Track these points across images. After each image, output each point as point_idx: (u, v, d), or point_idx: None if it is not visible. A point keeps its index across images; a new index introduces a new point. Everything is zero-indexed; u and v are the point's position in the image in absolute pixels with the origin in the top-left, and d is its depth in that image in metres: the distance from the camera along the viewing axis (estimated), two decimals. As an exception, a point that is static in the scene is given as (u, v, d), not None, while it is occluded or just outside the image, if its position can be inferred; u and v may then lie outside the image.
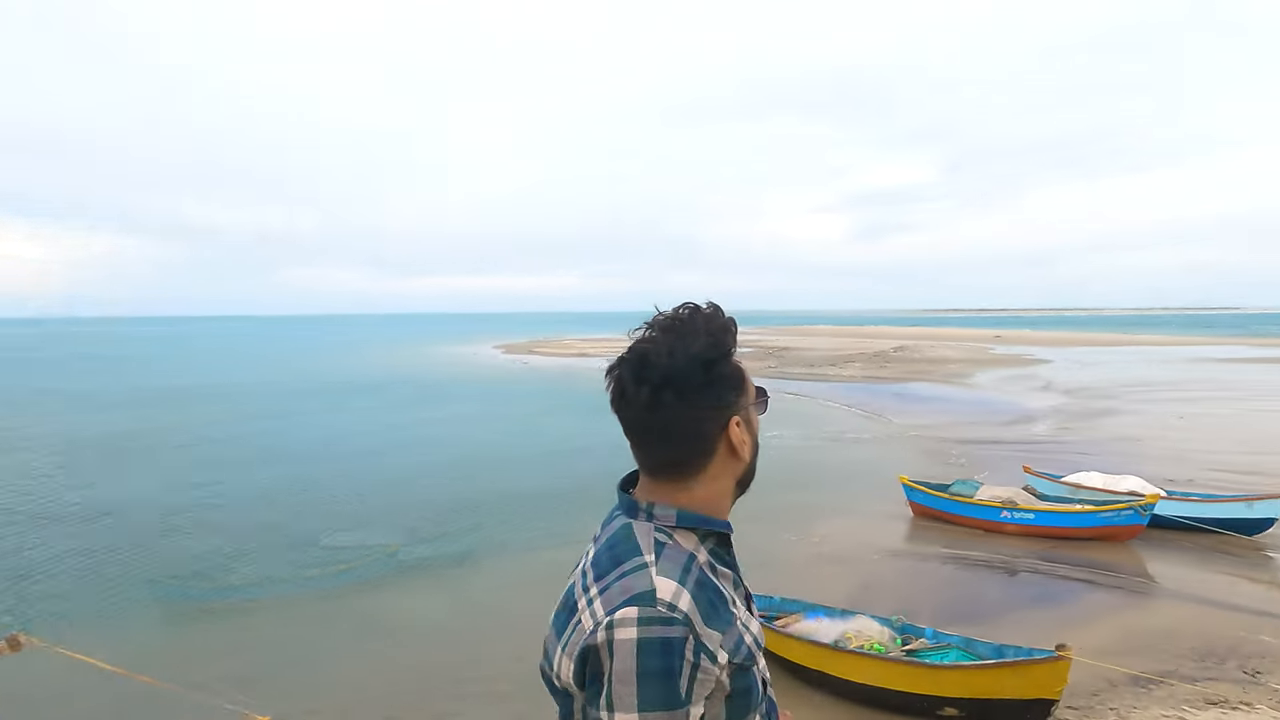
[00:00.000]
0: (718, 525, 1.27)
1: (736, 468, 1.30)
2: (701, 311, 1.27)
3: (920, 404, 25.24)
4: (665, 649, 1.09)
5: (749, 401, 1.31)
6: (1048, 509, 10.60)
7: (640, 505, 1.26)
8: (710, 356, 1.24)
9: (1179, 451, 16.27)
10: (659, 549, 1.19)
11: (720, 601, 1.20)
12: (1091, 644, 7.09)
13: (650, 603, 1.11)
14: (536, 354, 55.00)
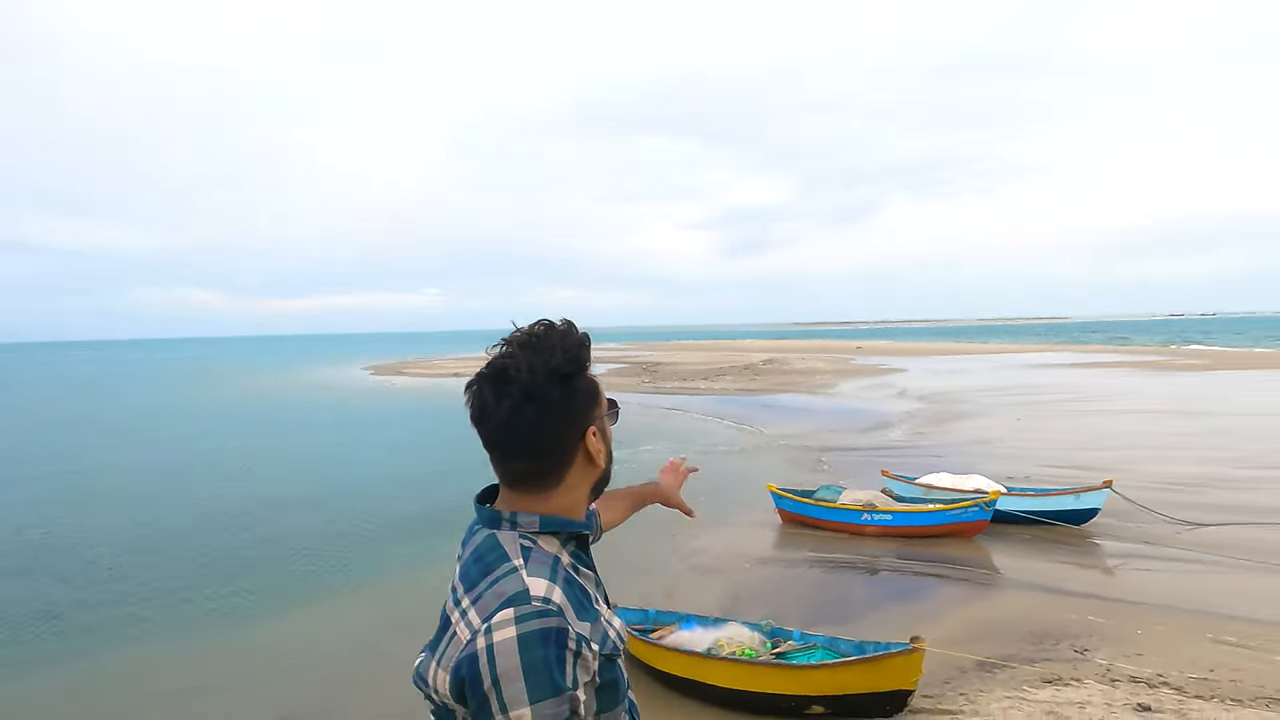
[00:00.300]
0: (577, 526, 1.34)
1: (593, 474, 1.38)
2: (556, 328, 1.33)
3: (788, 414, 26.21)
4: (546, 640, 1.14)
5: (603, 412, 1.39)
6: (903, 510, 11.23)
7: (503, 515, 1.30)
8: (567, 371, 1.29)
9: (1018, 450, 17.63)
10: (526, 553, 1.25)
11: (586, 598, 1.28)
12: (943, 634, 7.55)
13: (525, 601, 1.16)
14: (406, 375, 53.40)
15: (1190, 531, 10.78)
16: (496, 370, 1.29)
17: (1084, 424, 21.46)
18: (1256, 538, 10.38)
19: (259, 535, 12.69)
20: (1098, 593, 8.82)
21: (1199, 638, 7.20)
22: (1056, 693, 6.04)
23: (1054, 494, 11.59)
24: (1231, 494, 12.82)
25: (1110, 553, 10.36)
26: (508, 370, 1.27)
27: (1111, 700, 5.83)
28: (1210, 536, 10.53)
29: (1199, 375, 36.13)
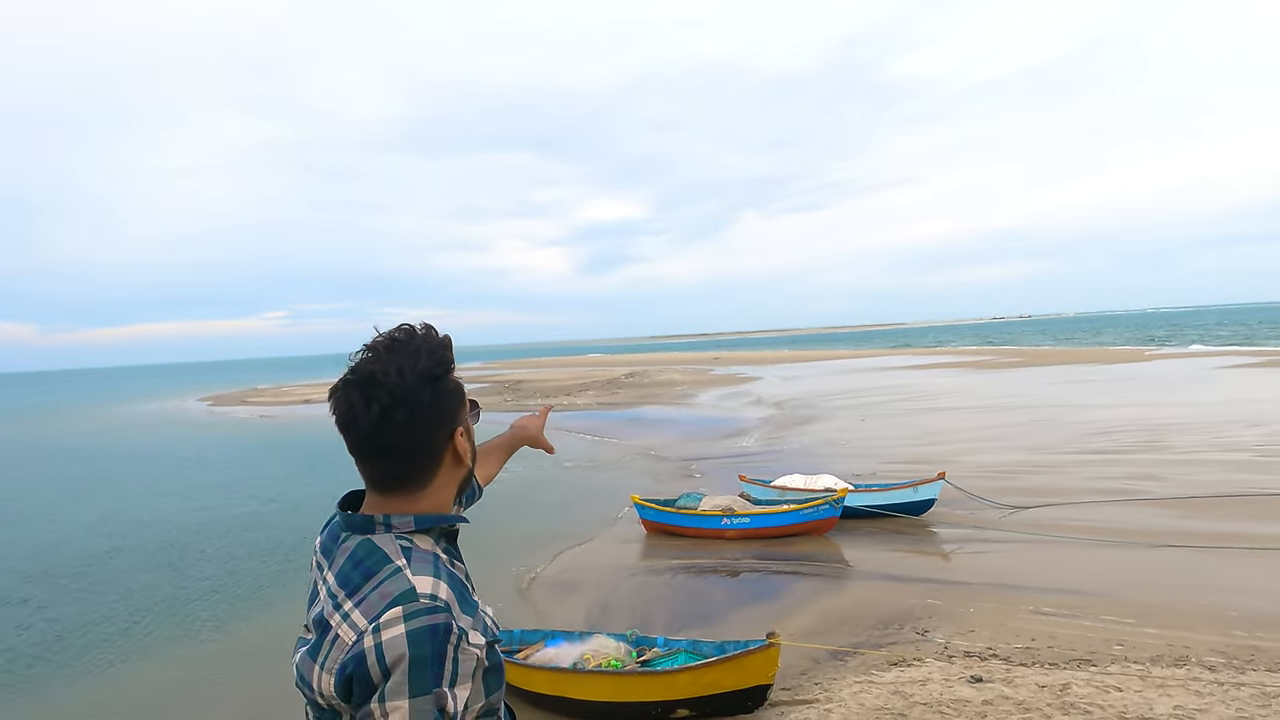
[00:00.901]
0: (451, 520, 1.38)
1: (460, 474, 1.41)
2: (418, 332, 1.35)
3: (650, 426, 26.65)
4: (433, 636, 1.17)
5: (467, 412, 1.42)
6: (760, 512, 11.68)
7: (375, 519, 1.32)
8: (436, 374, 1.32)
9: (862, 449, 18.73)
10: (407, 553, 1.28)
11: (466, 590, 1.32)
12: (799, 628, 7.90)
13: (413, 599, 1.20)
14: (251, 405, 50.15)
15: (1013, 515, 11.81)
16: (363, 376, 1.29)
17: (919, 421, 23.09)
18: (1067, 516, 11.52)
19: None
20: (936, 577, 9.50)
21: (1022, 611, 7.90)
22: (901, 673, 6.46)
23: (895, 488, 12.40)
24: (1045, 478, 14.17)
25: (946, 539, 11.19)
26: (375, 375, 1.28)
27: (949, 675, 6.30)
28: (1030, 518, 11.58)
29: (1014, 372, 39.73)
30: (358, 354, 1.32)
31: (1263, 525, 10.30)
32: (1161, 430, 18.28)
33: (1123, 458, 15.56)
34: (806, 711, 5.92)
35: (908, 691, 6.01)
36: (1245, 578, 8.45)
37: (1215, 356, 42.43)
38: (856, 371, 47.88)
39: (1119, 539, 10.17)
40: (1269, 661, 6.23)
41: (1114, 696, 5.63)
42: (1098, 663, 6.41)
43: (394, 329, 1.35)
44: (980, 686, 6.00)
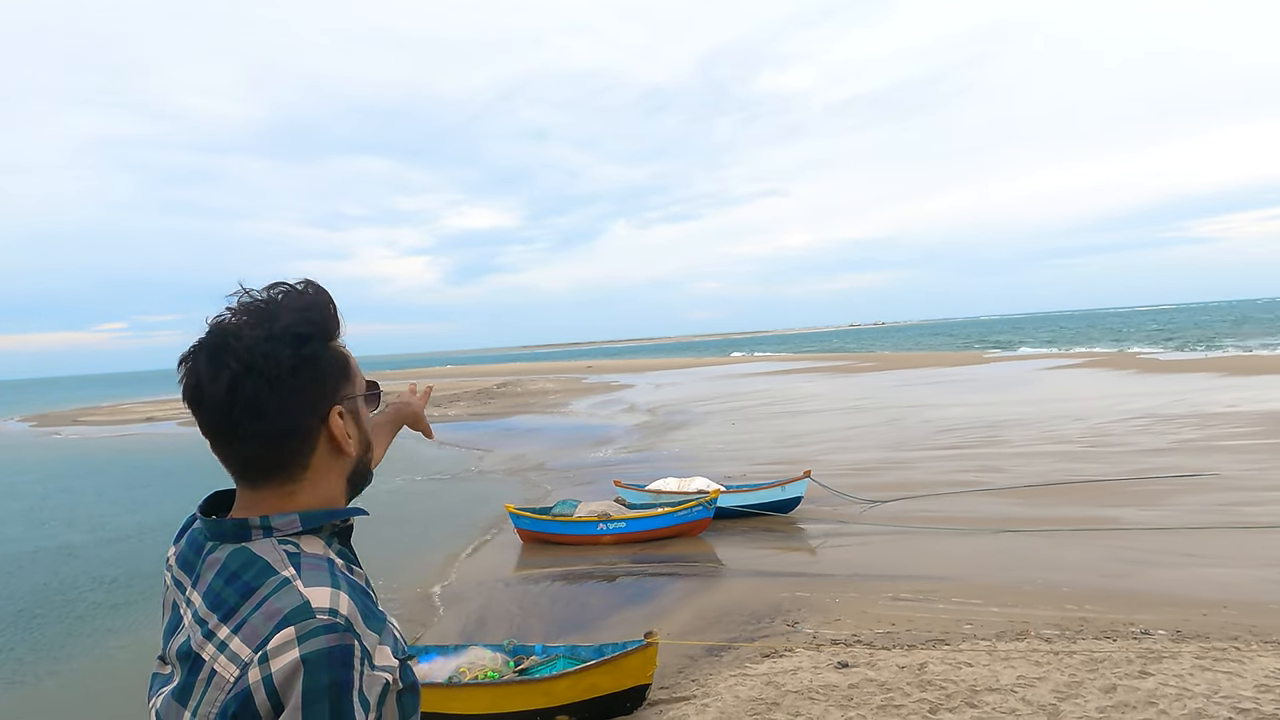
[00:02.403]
0: (348, 514, 1.16)
1: (343, 465, 1.17)
2: (294, 290, 1.14)
3: (524, 435, 26.38)
4: (334, 660, 0.96)
5: (355, 392, 1.19)
6: (635, 516, 11.79)
7: (251, 522, 1.09)
8: (301, 334, 1.09)
9: (733, 452, 19.28)
10: (295, 560, 1.05)
11: (370, 601, 1.10)
12: (675, 627, 8.03)
13: (307, 615, 0.98)
14: (83, 425, 45.93)
15: (872, 509, 12.47)
16: (213, 338, 1.08)
17: (785, 424, 24.01)
18: (920, 508, 12.28)
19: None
20: (804, 571, 9.89)
21: (882, 598, 8.34)
22: (773, 664, 6.67)
23: (764, 488, 12.83)
24: (900, 473, 15.05)
25: (812, 534, 11.68)
26: (227, 337, 1.07)
27: (818, 663, 6.56)
28: (887, 511, 12.26)
29: (870, 375, 42.03)
30: (217, 316, 1.11)
31: (1089, 509, 11.34)
32: (1000, 426, 19.82)
33: (967, 452, 16.77)
34: (684, 708, 6.01)
35: (780, 681, 6.22)
36: (1075, 556, 9.28)
37: (1044, 359, 46.50)
38: (726, 378, 49.23)
39: (966, 527, 10.94)
40: (1096, 630, 6.86)
41: (965, 671, 6.04)
42: (950, 641, 6.85)
43: (267, 286, 1.13)
44: (846, 671, 6.29)
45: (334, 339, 1.16)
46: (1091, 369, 36.27)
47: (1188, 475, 12.82)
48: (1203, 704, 5.13)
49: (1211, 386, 24.94)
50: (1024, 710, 5.28)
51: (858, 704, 5.62)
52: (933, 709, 5.43)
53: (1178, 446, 15.42)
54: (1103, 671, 5.80)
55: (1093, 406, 22.27)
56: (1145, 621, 6.99)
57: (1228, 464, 13.41)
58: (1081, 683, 5.63)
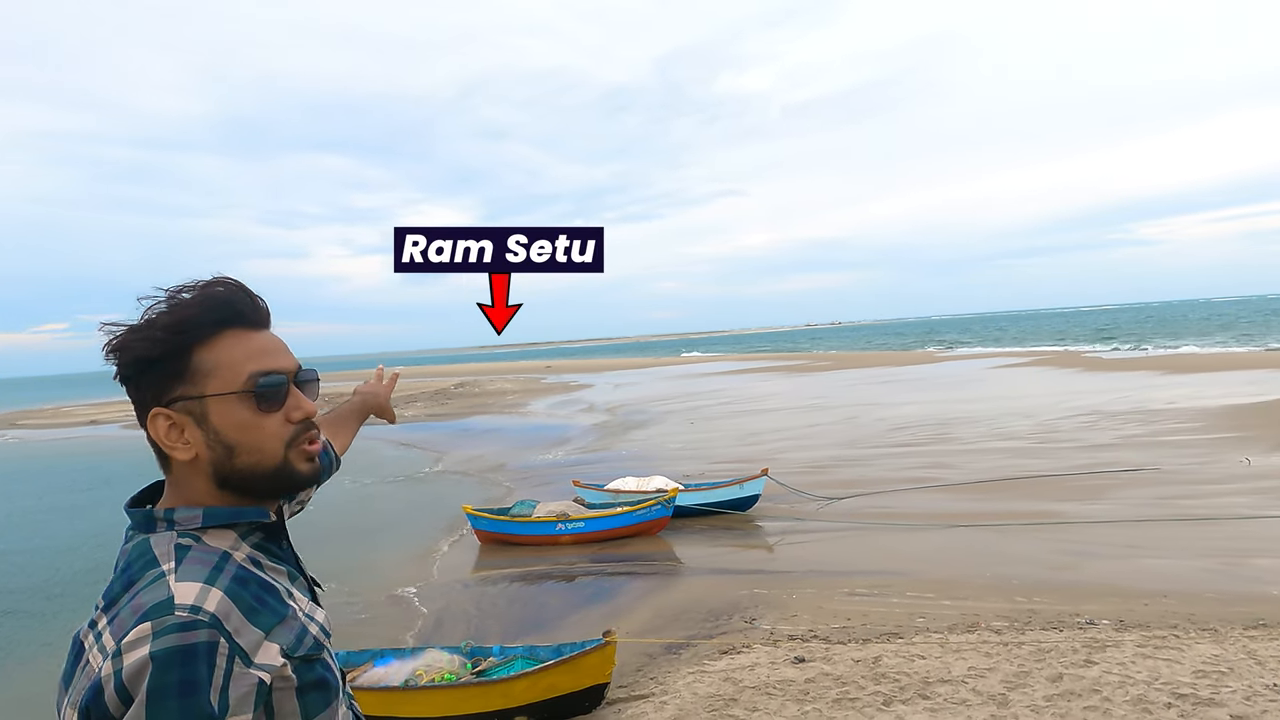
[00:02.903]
0: (251, 516, 1.15)
1: (197, 468, 1.14)
2: (196, 285, 1.16)
3: (482, 436, 26.17)
4: (186, 658, 0.95)
5: (204, 392, 1.12)
6: (594, 515, 11.78)
7: (156, 514, 1.11)
8: (117, 339, 1.13)
9: (691, 451, 19.37)
10: (181, 554, 1.06)
11: (269, 595, 1.10)
12: (635, 625, 8.04)
13: (167, 611, 0.98)
14: (23, 428, 44.35)
15: (828, 506, 12.62)
16: None
17: (743, 423, 24.20)
18: (875, 504, 12.47)
19: None
20: (761, 568, 9.99)
21: (838, 594, 8.46)
22: (731, 660, 6.73)
23: (722, 486, 12.92)
24: (855, 470, 15.28)
25: (770, 532, 11.79)
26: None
27: (775, 658, 6.63)
28: (843, 508, 12.42)
29: (825, 375, 42.57)
30: None
31: (1037, 503, 11.64)
32: (951, 424, 20.23)
33: (920, 449, 17.08)
34: (643, 705, 6.03)
35: (737, 677, 6.27)
36: (1024, 550, 9.52)
37: (992, 357, 47.56)
38: (685, 377, 49.43)
39: (919, 522, 11.14)
40: (1043, 621, 7.05)
41: (918, 664, 6.16)
42: (904, 635, 6.98)
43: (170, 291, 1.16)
44: (803, 666, 6.36)
45: (172, 334, 1.12)
46: (1038, 367, 37.21)
47: (1130, 470, 13.24)
48: (1144, 690, 5.30)
49: (1152, 384, 25.78)
50: (974, 700, 5.40)
51: (814, 698, 5.70)
52: (886, 701, 5.52)
53: (1121, 442, 15.91)
54: (1050, 661, 5.96)
55: (1040, 404, 22.85)
56: (1090, 612, 7.19)
57: (1168, 459, 13.88)
58: (1029, 672, 5.77)
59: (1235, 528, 9.73)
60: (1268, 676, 5.37)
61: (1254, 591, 7.51)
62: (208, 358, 1.13)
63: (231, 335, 1.15)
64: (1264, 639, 6.17)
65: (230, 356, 1.14)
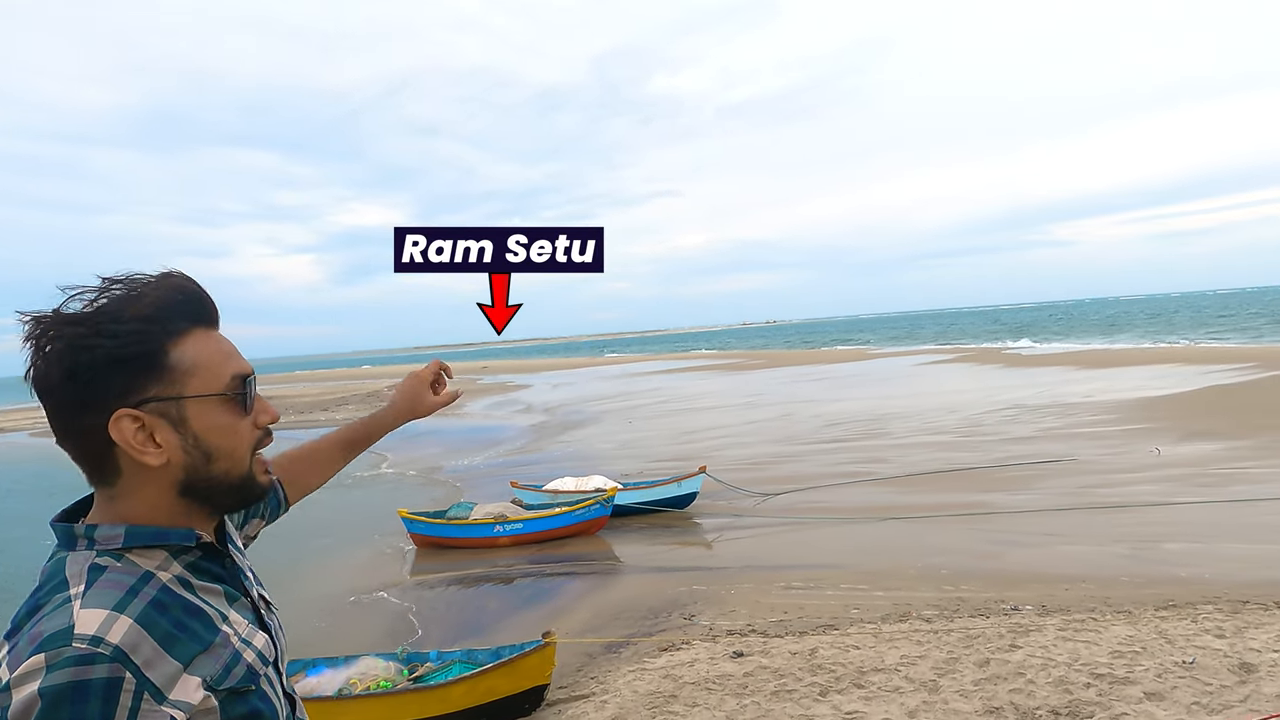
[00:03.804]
0: (177, 537, 1.03)
1: (162, 475, 1.03)
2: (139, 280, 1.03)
3: (417, 438, 25.66)
4: (79, 695, 0.85)
5: (181, 393, 1.03)
6: (532, 516, 11.71)
7: (76, 530, 1.01)
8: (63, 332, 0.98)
9: (630, 450, 19.41)
10: (94, 575, 0.96)
11: (194, 620, 0.99)
12: (574, 626, 8.01)
13: (64, 642, 0.88)
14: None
15: (765, 502, 12.81)
16: None
17: (681, 421, 24.36)
18: (810, 499, 12.70)
19: None
20: (700, 565, 10.07)
21: (775, 588, 8.59)
22: (671, 657, 6.76)
23: (661, 484, 12.98)
24: (791, 466, 15.54)
25: (708, 529, 11.90)
26: (25, 340, 1.00)
27: (714, 654, 6.69)
28: (780, 503, 12.62)
29: (761, 373, 43.19)
30: None
31: (964, 495, 12.02)
32: (882, 419, 20.74)
33: (853, 445, 17.47)
34: (583, 705, 6.01)
35: (677, 674, 6.30)
36: (952, 540, 9.82)
37: (919, 355, 48.98)
38: (623, 377, 49.50)
39: (853, 516, 11.39)
40: (971, 609, 7.28)
41: (853, 654, 6.29)
42: (839, 626, 7.12)
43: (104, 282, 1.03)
44: (741, 660, 6.44)
45: (138, 328, 1.00)
46: (963, 364, 38.47)
47: (1050, 461, 13.79)
48: (1065, 672, 5.52)
49: (1070, 379, 26.90)
50: (907, 687, 5.55)
51: (752, 691, 5.77)
52: (823, 691, 5.63)
53: (1042, 434, 16.56)
54: (977, 647, 6.16)
55: (965, 399, 23.62)
56: (1015, 598, 7.47)
57: (1085, 450, 14.51)
58: (958, 658, 5.96)
59: (1146, 514, 10.23)
60: (1177, 654, 5.66)
61: (1164, 574, 7.91)
62: (184, 355, 1.03)
63: (200, 333, 1.06)
64: (1174, 619, 6.50)
65: (207, 355, 1.05)
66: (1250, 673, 5.25)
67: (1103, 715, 4.84)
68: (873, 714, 5.21)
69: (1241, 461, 12.67)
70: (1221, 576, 7.65)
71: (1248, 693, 4.94)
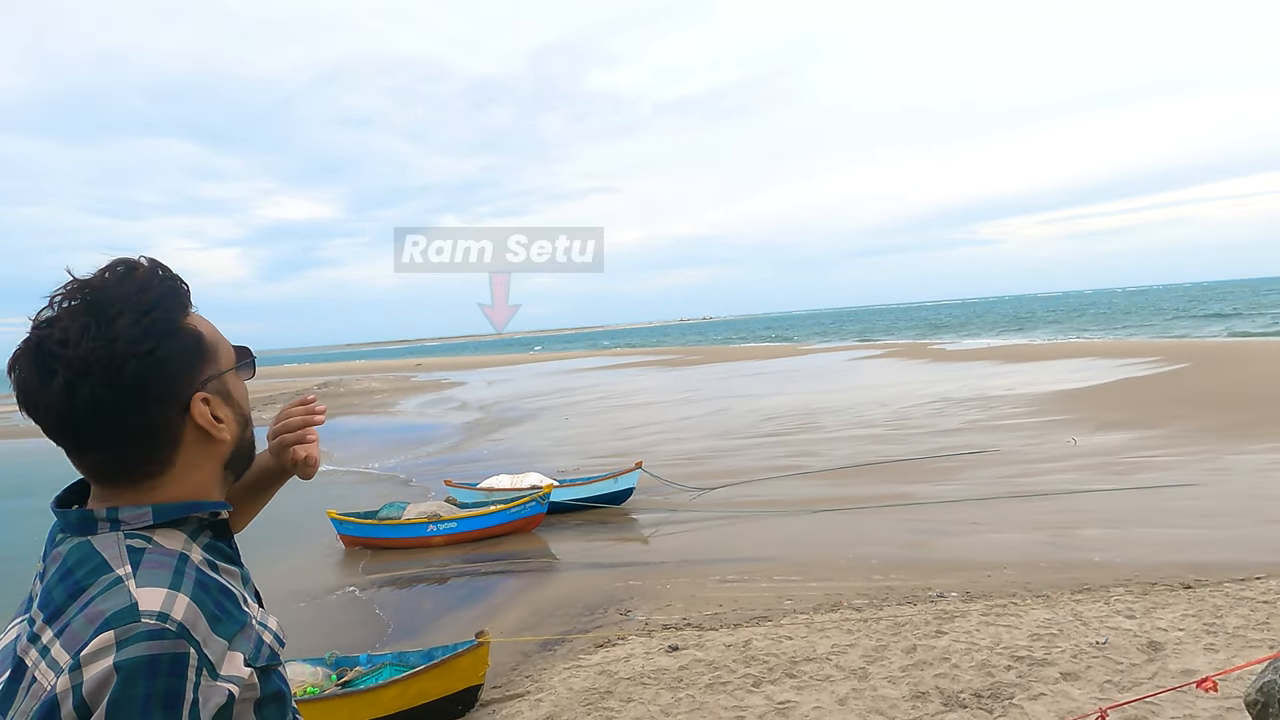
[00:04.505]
0: (210, 506, 1.07)
1: (218, 450, 1.08)
2: (124, 271, 1.01)
3: (348, 437, 25.09)
4: (159, 670, 0.87)
5: (221, 369, 1.08)
6: (467, 515, 11.55)
7: (96, 514, 0.99)
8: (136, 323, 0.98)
9: (567, 446, 19.32)
10: (136, 557, 0.96)
11: (230, 600, 1.01)
12: (509, 625, 7.93)
13: (133, 619, 0.89)
14: None
15: (701, 496, 12.91)
16: (34, 342, 0.97)
17: (617, 417, 24.38)
18: (746, 493, 12.86)
19: None
20: (636, 560, 10.09)
21: (710, 581, 8.66)
22: (607, 653, 6.75)
23: (597, 480, 12.95)
24: (727, 461, 15.70)
25: (644, 524, 11.93)
26: (47, 340, 0.96)
27: (650, 648, 6.71)
28: (716, 497, 12.74)
29: (698, 368, 43.55)
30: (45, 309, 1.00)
31: (893, 486, 12.34)
32: (815, 414, 21.14)
33: (787, 438, 17.75)
34: (518, 704, 5.95)
35: (613, 669, 6.30)
36: (881, 531, 10.07)
37: (852, 350, 50.09)
38: (560, 373, 49.26)
39: (787, 509, 11.58)
40: (899, 597, 7.48)
41: (786, 644, 6.39)
42: (773, 618, 7.22)
43: (104, 267, 1.02)
44: (677, 654, 6.47)
45: (180, 319, 1.05)
46: (892, 359, 39.48)
47: (974, 452, 14.26)
48: (987, 655, 5.71)
49: (993, 373, 27.87)
50: (837, 675, 5.66)
51: (687, 684, 5.80)
52: (756, 682, 5.69)
53: (966, 426, 17.12)
54: (905, 634, 6.32)
55: (894, 393, 24.25)
56: (940, 585, 7.69)
57: (1006, 441, 15.05)
58: (887, 646, 6.10)
59: (1063, 502, 10.67)
60: (1091, 635, 5.91)
61: (1079, 559, 8.25)
62: (206, 334, 1.08)
63: (195, 315, 1.09)
64: (1088, 601, 6.79)
65: (214, 333, 1.11)
66: (1158, 650, 5.52)
67: (1022, 696, 5.02)
68: (804, 703, 5.29)
69: (1150, 450, 13.33)
70: (1132, 560, 8.02)
71: (1155, 670, 5.19)
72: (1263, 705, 3.42)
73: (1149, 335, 44.17)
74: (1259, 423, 14.38)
